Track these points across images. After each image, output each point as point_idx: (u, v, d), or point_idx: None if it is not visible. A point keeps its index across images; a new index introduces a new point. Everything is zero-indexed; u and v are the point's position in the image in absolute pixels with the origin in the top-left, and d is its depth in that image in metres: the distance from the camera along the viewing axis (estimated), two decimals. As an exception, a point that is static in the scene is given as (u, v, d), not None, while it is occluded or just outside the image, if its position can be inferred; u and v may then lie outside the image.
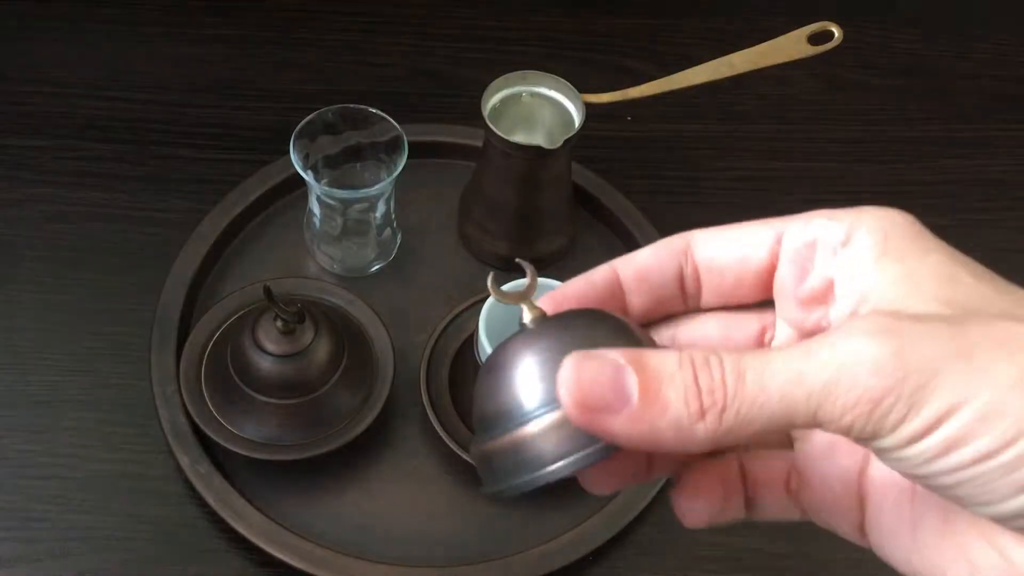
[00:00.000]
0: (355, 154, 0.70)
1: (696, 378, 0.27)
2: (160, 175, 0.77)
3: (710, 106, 0.85)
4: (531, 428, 0.29)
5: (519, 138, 0.67)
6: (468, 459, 0.62)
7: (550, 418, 0.29)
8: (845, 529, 0.34)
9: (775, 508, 0.34)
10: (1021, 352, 0.26)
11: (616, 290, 0.34)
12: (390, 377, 0.64)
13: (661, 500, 0.64)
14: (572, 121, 0.67)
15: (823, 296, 0.32)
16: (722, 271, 0.34)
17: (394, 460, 0.66)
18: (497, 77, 0.67)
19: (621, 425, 0.27)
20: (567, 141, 0.65)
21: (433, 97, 0.84)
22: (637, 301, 0.34)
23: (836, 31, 0.67)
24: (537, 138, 0.69)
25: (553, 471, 0.29)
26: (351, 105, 0.67)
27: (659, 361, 0.27)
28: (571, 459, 0.29)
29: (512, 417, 0.30)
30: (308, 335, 0.61)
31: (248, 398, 0.62)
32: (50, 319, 0.70)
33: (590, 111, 0.66)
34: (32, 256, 0.73)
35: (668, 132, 0.84)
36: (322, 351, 0.62)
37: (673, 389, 0.27)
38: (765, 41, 0.68)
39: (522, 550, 0.61)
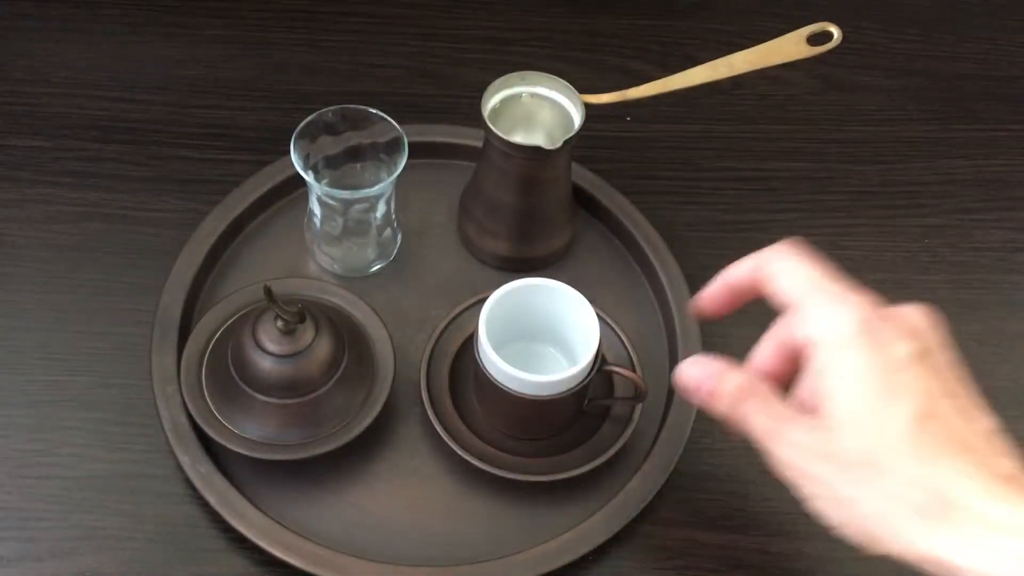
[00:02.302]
0: (355, 154, 0.70)
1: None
2: (160, 175, 0.77)
3: (710, 106, 0.85)
4: None
5: (519, 138, 0.67)
6: (468, 459, 0.62)
7: None
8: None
9: None
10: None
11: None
12: (390, 377, 0.65)
13: (661, 500, 0.64)
14: (572, 121, 0.67)
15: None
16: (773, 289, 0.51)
17: (394, 460, 0.66)
18: (497, 77, 0.67)
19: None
20: (567, 141, 0.65)
21: (433, 97, 0.84)
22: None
23: (835, 31, 0.67)
24: (537, 138, 0.69)
25: None
26: (351, 105, 0.67)
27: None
28: None
29: None
30: (308, 335, 0.61)
31: (248, 398, 0.62)
32: (50, 319, 0.70)
33: (590, 111, 0.66)
34: (32, 256, 0.73)
35: (668, 132, 0.84)
36: (322, 351, 0.62)
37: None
38: (764, 42, 0.68)
39: (522, 550, 0.61)
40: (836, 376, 0.46)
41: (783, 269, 0.50)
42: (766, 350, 0.51)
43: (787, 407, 0.48)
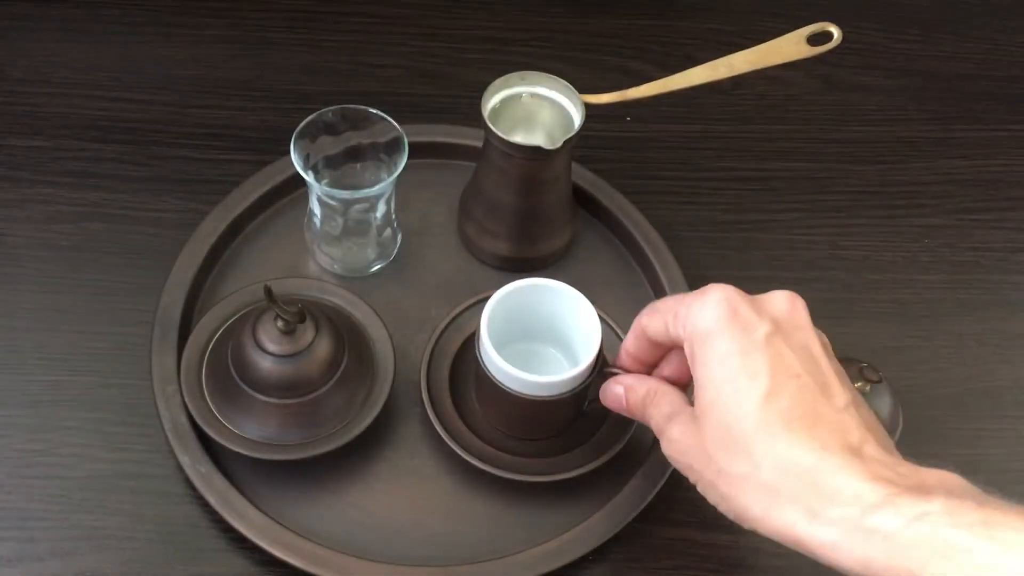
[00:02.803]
0: (355, 154, 0.70)
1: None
2: (160, 175, 0.77)
3: (710, 106, 0.85)
4: None
5: (519, 138, 0.67)
6: (468, 459, 0.62)
7: None
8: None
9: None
10: None
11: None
12: (390, 377, 0.65)
13: (661, 500, 0.64)
14: (572, 121, 0.67)
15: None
16: (653, 338, 0.56)
17: (394, 460, 0.66)
18: (497, 77, 0.67)
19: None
20: (567, 141, 0.65)
21: (433, 97, 0.84)
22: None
23: (835, 32, 0.67)
24: (537, 138, 0.69)
25: None
26: (351, 105, 0.67)
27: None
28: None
29: None
30: (308, 335, 0.61)
31: (248, 398, 0.62)
32: (50, 319, 0.70)
33: (590, 111, 0.66)
34: (32, 256, 0.73)
35: (668, 132, 0.84)
36: (322, 351, 0.62)
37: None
38: (764, 42, 0.68)
39: (522, 550, 0.61)
40: (703, 364, 0.49)
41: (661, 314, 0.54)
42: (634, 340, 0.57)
43: (678, 406, 0.52)
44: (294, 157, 0.65)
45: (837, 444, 0.45)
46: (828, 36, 0.67)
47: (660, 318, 0.53)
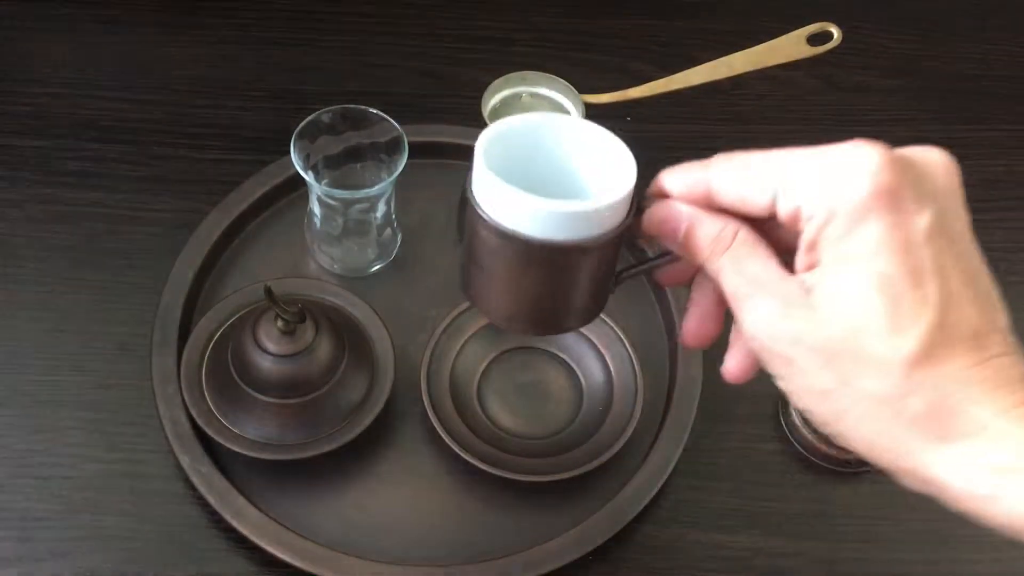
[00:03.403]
0: (355, 154, 0.70)
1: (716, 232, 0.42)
2: (160, 175, 0.77)
3: (710, 106, 0.85)
4: None
5: (519, 138, 0.67)
6: (468, 459, 0.62)
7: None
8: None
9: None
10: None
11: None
12: (390, 377, 0.65)
13: (662, 500, 0.64)
14: (572, 121, 0.66)
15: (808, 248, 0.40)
16: (732, 208, 0.42)
17: (394, 460, 0.66)
18: (497, 77, 0.67)
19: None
20: (567, 141, 0.65)
21: (433, 97, 0.84)
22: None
23: (835, 31, 0.67)
24: (537, 138, 0.69)
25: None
26: (351, 105, 0.67)
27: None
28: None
29: None
30: (308, 335, 0.61)
31: (249, 398, 0.62)
32: (50, 319, 0.70)
33: (590, 111, 0.66)
34: (32, 256, 0.73)
35: (668, 132, 0.84)
36: (322, 351, 0.62)
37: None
38: (765, 41, 0.68)
39: (522, 550, 0.61)
40: (845, 244, 0.38)
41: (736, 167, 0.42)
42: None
43: (773, 272, 0.41)
44: (294, 157, 0.65)
45: (1003, 378, 0.37)
46: (828, 36, 0.67)
47: (751, 175, 0.41)
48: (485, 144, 0.46)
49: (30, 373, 0.68)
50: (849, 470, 0.67)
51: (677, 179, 0.45)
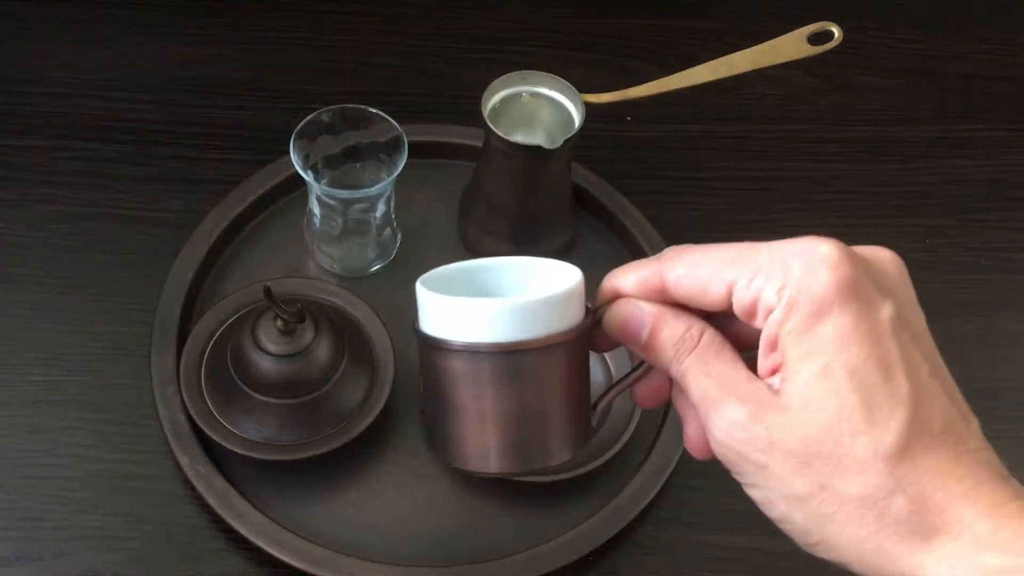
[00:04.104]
0: (355, 154, 0.70)
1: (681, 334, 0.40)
2: (160, 175, 0.77)
3: (710, 106, 0.85)
4: None
5: (519, 138, 0.67)
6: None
7: None
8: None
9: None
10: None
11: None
12: (390, 377, 0.64)
13: (662, 500, 0.64)
14: (572, 121, 0.67)
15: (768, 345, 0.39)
16: (686, 300, 0.41)
17: (394, 460, 0.66)
18: (497, 77, 0.67)
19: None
20: (567, 141, 0.65)
21: (433, 97, 0.84)
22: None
23: (836, 31, 0.67)
24: (537, 138, 0.69)
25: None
26: (351, 105, 0.67)
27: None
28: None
29: None
30: (308, 335, 0.61)
31: (248, 398, 0.62)
32: (50, 319, 0.70)
33: (590, 111, 0.66)
34: (32, 256, 0.73)
35: (668, 132, 0.84)
36: (322, 351, 0.62)
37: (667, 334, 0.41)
38: (765, 41, 0.68)
39: (522, 550, 0.61)
40: (811, 340, 0.37)
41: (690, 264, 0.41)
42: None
43: (742, 375, 0.39)
44: (293, 157, 0.65)
45: (986, 476, 0.37)
46: (829, 35, 0.67)
47: (707, 266, 0.39)
48: (425, 281, 0.45)
49: (30, 373, 0.68)
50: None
51: (629, 276, 0.42)
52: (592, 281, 0.43)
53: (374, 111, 0.67)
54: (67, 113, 0.80)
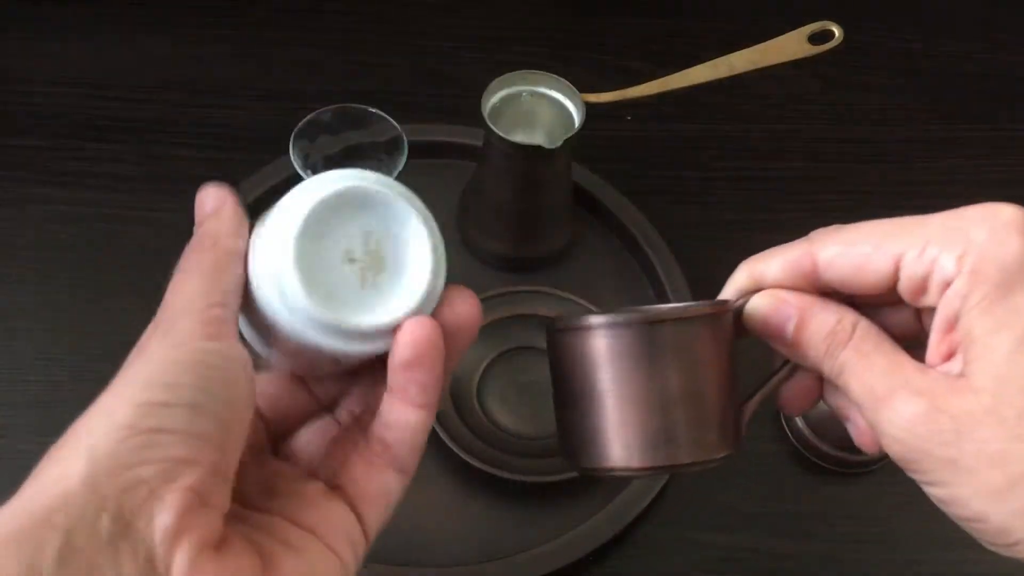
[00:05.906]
0: (355, 154, 0.70)
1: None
2: (160, 175, 0.77)
3: (710, 106, 0.85)
4: None
5: (519, 138, 0.67)
6: (468, 459, 0.62)
7: None
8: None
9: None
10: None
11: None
12: (390, 377, 0.64)
13: (662, 500, 0.64)
14: (572, 121, 0.67)
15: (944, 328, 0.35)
16: (842, 282, 0.37)
17: (394, 460, 0.66)
18: (497, 77, 0.67)
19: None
20: (567, 141, 0.65)
21: (433, 97, 0.84)
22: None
23: (836, 31, 0.67)
24: (537, 138, 0.69)
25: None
26: (351, 105, 0.67)
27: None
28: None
29: None
30: (308, 335, 0.61)
31: (248, 398, 0.62)
32: (50, 319, 0.70)
33: (590, 111, 0.66)
34: (32, 256, 0.73)
35: (668, 132, 0.84)
36: (322, 351, 0.61)
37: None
38: (765, 41, 0.68)
39: (522, 550, 0.61)
40: (1004, 312, 0.33)
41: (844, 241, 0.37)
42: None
43: (904, 360, 0.35)
44: (293, 157, 0.65)
45: None
46: (829, 35, 0.67)
47: (869, 242, 0.37)
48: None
49: (30, 373, 0.68)
50: (849, 470, 0.67)
51: (774, 261, 0.38)
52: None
53: (374, 111, 0.67)
54: (67, 113, 0.80)
